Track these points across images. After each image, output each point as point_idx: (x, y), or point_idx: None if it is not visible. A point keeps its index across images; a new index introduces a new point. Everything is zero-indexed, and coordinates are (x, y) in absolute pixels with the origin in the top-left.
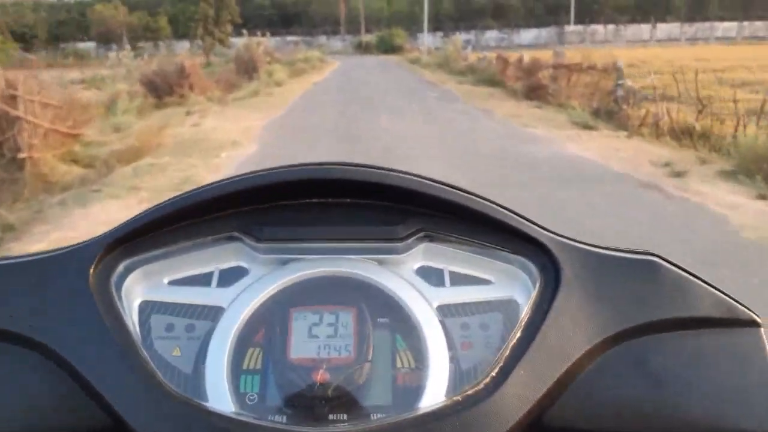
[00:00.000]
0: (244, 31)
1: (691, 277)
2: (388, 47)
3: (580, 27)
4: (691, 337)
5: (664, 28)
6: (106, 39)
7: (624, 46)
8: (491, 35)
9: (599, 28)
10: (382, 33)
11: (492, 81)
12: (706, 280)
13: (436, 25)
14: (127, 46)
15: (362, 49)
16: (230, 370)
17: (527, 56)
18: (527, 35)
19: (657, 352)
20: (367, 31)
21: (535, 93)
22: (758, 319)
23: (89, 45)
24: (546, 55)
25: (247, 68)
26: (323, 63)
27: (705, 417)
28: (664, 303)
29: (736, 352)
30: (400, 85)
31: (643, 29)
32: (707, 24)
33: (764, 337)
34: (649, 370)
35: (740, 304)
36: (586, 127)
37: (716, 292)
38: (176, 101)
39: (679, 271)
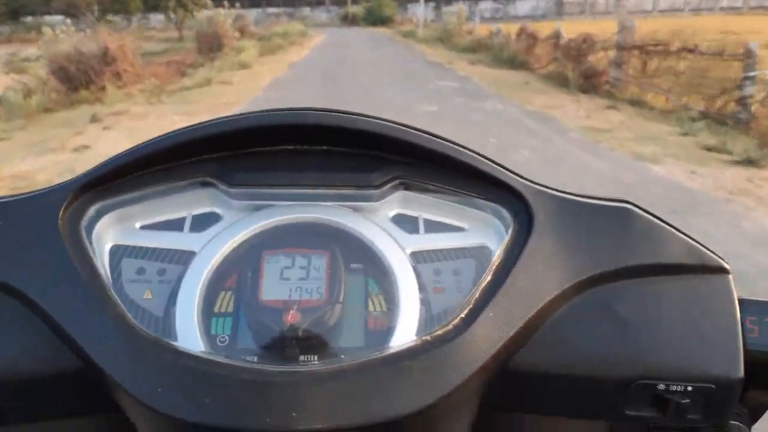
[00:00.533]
0: (226, 3)
1: (663, 225)
2: (376, 19)
3: None
4: (660, 282)
5: None
6: (75, 12)
7: (624, 17)
8: (485, 6)
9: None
10: (370, 3)
11: (512, 62)
12: (677, 227)
13: None
14: (90, 18)
15: (349, 21)
16: (201, 313)
17: (546, 30)
18: (523, 6)
19: (627, 297)
20: (354, 2)
21: (588, 82)
22: (727, 266)
23: (56, 18)
24: (546, 28)
25: (211, 46)
26: (304, 37)
27: (673, 362)
28: (635, 249)
29: (703, 298)
30: (399, 69)
31: (645, 0)
32: None
33: (731, 283)
34: (618, 315)
35: (710, 251)
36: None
37: (687, 239)
38: (92, 96)
39: (652, 218)
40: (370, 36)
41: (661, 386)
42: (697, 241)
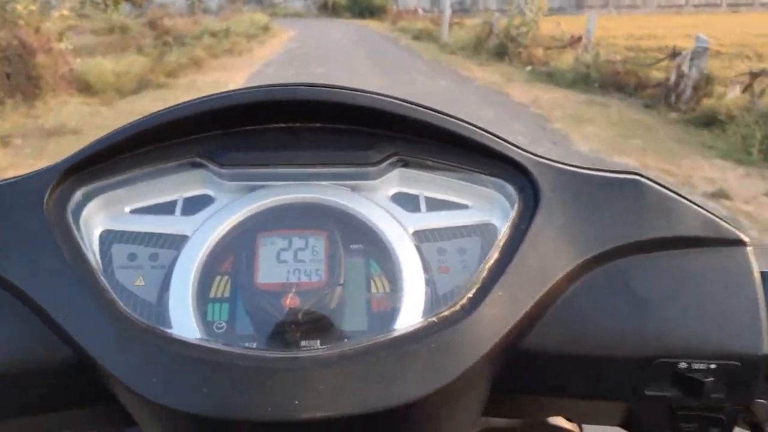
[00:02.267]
0: None
1: (676, 196)
2: (363, 9)
3: None
4: (675, 257)
5: None
6: None
7: (654, 11)
8: None
9: None
10: None
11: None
12: (691, 199)
13: None
14: None
15: (329, 10)
16: (196, 299)
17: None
18: None
19: (640, 273)
20: None
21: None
22: (744, 238)
23: None
24: (571, 24)
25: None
26: (268, 35)
27: (689, 338)
28: (647, 222)
29: (721, 272)
30: None
31: None
32: None
33: (750, 255)
34: (631, 292)
35: (726, 222)
36: None
37: (702, 210)
38: None
39: (663, 190)
40: (361, 36)
41: (683, 364)
42: (711, 213)
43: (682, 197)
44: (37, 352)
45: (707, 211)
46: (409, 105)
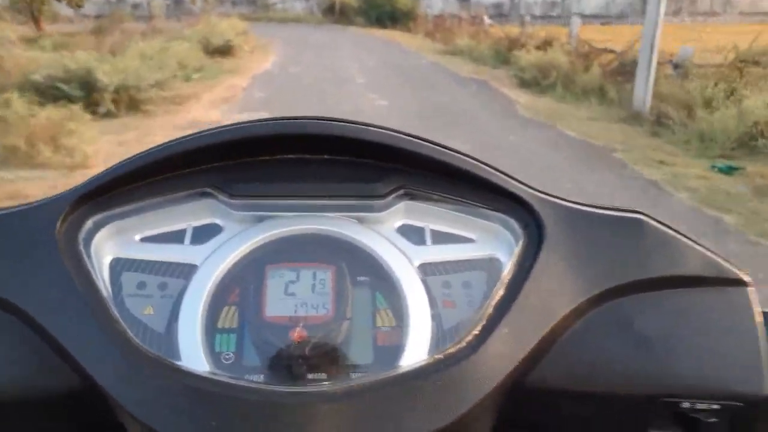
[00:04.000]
0: None
1: (678, 235)
2: (383, 14)
3: None
4: (678, 296)
5: None
6: None
7: (737, 20)
8: None
9: None
10: None
11: None
12: (693, 238)
13: None
14: None
15: (336, 15)
16: (205, 329)
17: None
18: (590, 2)
19: (643, 311)
20: None
21: None
22: (746, 278)
23: None
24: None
25: None
26: (237, 59)
27: (691, 377)
28: (650, 261)
29: (723, 312)
30: None
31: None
32: None
33: (751, 295)
34: (634, 330)
35: (728, 262)
36: None
37: (704, 250)
38: None
39: (665, 229)
40: (397, 67)
41: (686, 404)
42: (714, 253)
43: (685, 237)
44: (45, 380)
45: (710, 250)
46: (416, 140)
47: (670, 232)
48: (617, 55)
